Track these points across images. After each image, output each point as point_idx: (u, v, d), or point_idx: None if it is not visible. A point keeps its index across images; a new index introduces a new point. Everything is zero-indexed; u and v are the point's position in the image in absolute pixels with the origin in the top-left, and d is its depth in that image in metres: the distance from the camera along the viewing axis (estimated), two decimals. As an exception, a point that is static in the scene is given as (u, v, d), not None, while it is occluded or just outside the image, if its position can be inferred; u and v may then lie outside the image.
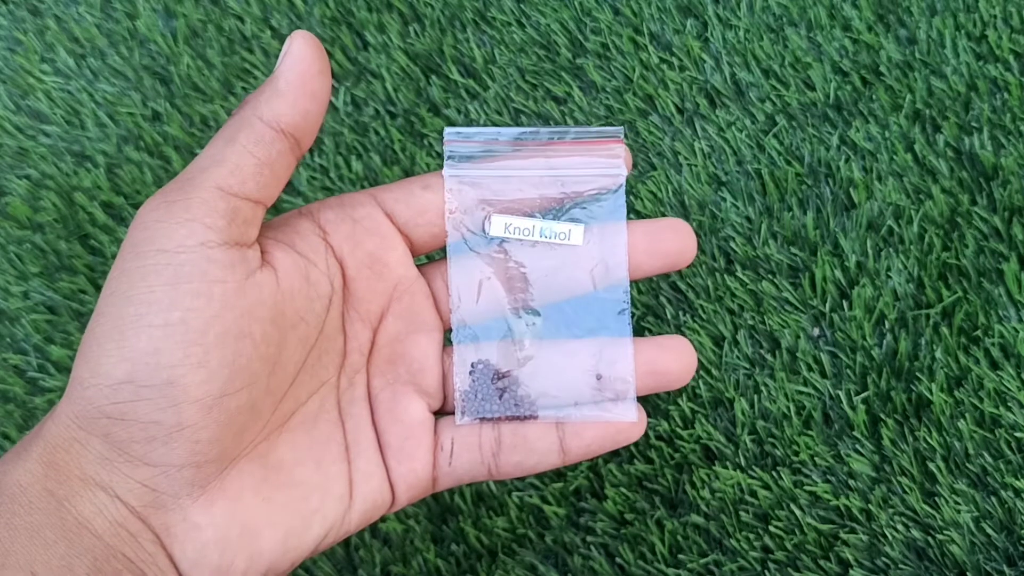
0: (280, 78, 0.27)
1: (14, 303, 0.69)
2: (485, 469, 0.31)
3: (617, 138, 0.31)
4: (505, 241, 0.31)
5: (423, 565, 0.58)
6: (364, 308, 0.31)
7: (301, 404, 0.30)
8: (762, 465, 0.58)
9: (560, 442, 0.31)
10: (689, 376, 0.31)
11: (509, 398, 0.30)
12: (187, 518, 0.26)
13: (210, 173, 0.26)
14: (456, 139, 0.31)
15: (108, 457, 0.25)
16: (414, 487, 0.30)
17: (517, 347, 0.31)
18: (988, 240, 0.61)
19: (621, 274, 0.30)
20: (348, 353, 0.31)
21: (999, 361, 0.58)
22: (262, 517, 0.27)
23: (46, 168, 0.74)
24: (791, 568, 0.55)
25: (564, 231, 0.30)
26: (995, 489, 0.55)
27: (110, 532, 0.25)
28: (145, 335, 0.25)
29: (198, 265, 0.25)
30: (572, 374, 0.31)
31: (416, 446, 0.30)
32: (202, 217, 0.25)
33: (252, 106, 0.27)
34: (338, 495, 0.29)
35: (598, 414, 0.30)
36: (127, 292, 0.25)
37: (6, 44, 0.81)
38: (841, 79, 0.69)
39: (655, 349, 0.31)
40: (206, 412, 0.25)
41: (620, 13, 0.74)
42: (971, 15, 0.69)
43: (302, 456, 0.29)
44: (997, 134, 0.65)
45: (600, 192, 0.31)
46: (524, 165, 0.31)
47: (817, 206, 0.65)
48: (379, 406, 0.31)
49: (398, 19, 0.77)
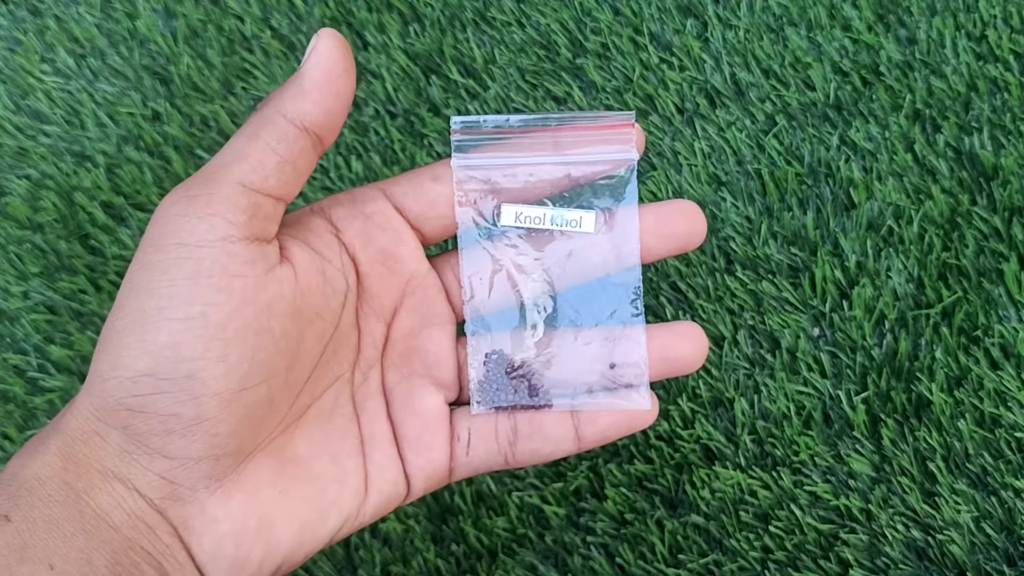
0: (305, 76, 0.27)
1: (14, 303, 0.69)
2: (502, 458, 0.31)
3: (628, 122, 0.30)
4: (516, 230, 0.31)
5: (423, 565, 0.58)
6: (378, 304, 0.31)
7: (316, 399, 0.30)
8: (762, 465, 0.58)
9: (575, 429, 0.31)
10: (701, 361, 0.31)
11: (523, 387, 0.30)
12: (204, 511, 0.26)
13: (232, 169, 0.26)
14: (464, 128, 0.31)
15: (127, 449, 0.25)
16: (431, 478, 0.31)
17: (531, 336, 0.31)
18: (988, 240, 0.61)
19: (634, 260, 0.30)
20: (362, 348, 0.31)
21: (999, 361, 0.58)
22: (279, 510, 0.27)
23: (46, 168, 0.74)
24: (791, 568, 0.55)
25: (575, 218, 0.30)
26: (995, 489, 0.55)
27: (128, 524, 0.25)
28: (166, 329, 0.25)
29: (219, 260, 0.25)
30: (586, 363, 0.31)
31: (433, 437, 0.30)
32: (224, 212, 0.25)
33: (276, 103, 0.27)
34: (354, 488, 0.29)
35: (612, 402, 0.31)
36: (147, 285, 0.25)
37: (6, 44, 0.81)
38: (841, 79, 0.69)
39: (668, 335, 0.31)
40: (225, 406, 0.25)
41: (620, 13, 0.74)
42: (971, 15, 0.69)
43: (318, 450, 0.29)
44: (997, 134, 0.65)
45: (611, 177, 0.30)
46: (533, 152, 0.30)
47: (817, 206, 0.65)
48: (395, 399, 0.31)
49: (398, 19, 0.77)
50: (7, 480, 0.25)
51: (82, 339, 0.67)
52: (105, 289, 0.69)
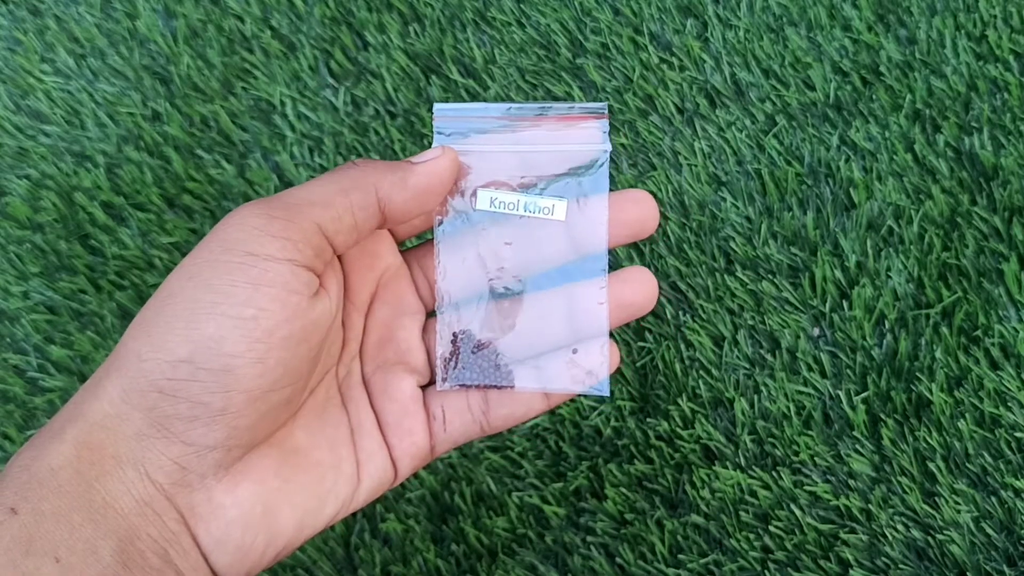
0: (412, 176, 0.30)
1: (14, 303, 0.69)
2: (478, 427, 0.32)
3: (602, 113, 0.31)
4: (490, 215, 0.32)
5: (423, 565, 0.58)
6: (359, 298, 0.33)
7: (312, 392, 0.31)
8: (762, 465, 0.58)
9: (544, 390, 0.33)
10: (652, 303, 0.33)
11: (488, 366, 0.32)
12: (212, 498, 0.28)
13: (316, 211, 0.28)
14: (445, 115, 0.32)
15: (146, 433, 0.27)
16: (416, 458, 0.32)
17: (498, 318, 0.32)
18: (988, 240, 0.61)
19: (601, 247, 0.31)
20: (347, 342, 0.33)
21: (999, 361, 0.58)
22: (282, 498, 0.29)
23: (46, 168, 0.74)
24: (791, 568, 0.55)
25: (548, 206, 0.31)
26: (995, 489, 0.55)
27: (136, 511, 0.26)
28: (215, 322, 0.26)
29: (282, 275, 0.27)
30: (550, 345, 0.32)
31: (413, 421, 0.32)
32: (298, 241, 0.28)
33: (375, 174, 0.29)
34: (348, 474, 0.31)
35: (572, 387, 0.32)
36: (209, 280, 0.27)
37: (6, 44, 0.81)
38: (841, 79, 0.69)
39: (619, 284, 0.33)
40: (251, 402, 0.27)
41: (620, 13, 0.74)
42: (971, 15, 0.69)
43: (317, 440, 0.30)
44: (997, 134, 0.65)
45: (584, 166, 0.31)
46: (512, 140, 0.32)
47: (817, 206, 0.65)
48: (374, 388, 0.32)
49: (398, 19, 0.77)
50: (16, 473, 0.26)
51: (82, 339, 0.67)
52: (105, 289, 0.69)
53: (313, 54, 0.76)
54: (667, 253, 0.65)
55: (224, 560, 0.28)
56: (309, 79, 0.76)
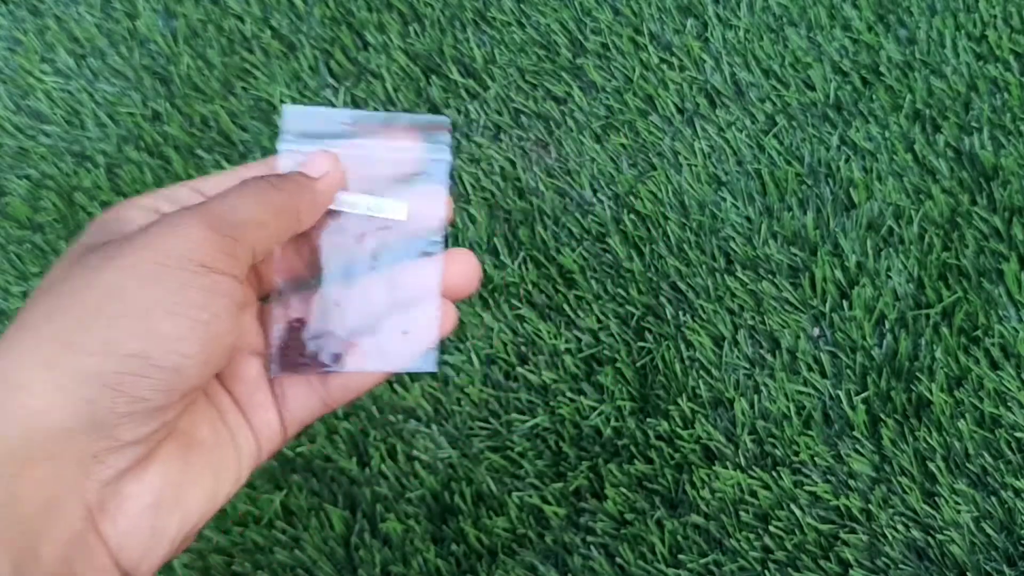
0: (320, 196, 0.33)
1: (14, 303, 0.69)
2: (320, 402, 0.34)
3: (444, 126, 0.34)
4: (331, 212, 0.34)
5: (423, 565, 0.58)
6: None
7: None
8: (762, 465, 0.58)
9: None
10: (474, 285, 0.35)
11: (320, 353, 0.33)
12: (120, 490, 0.28)
13: (253, 232, 0.30)
14: (294, 117, 0.33)
15: (71, 427, 0.27)
16: (272, 437, 0.34)
17: (330, 306, 0.34)
18: (988, 240, 0.61)
19: (437, 249, 0.34)
20: None
21: (999, 361, 0.58)
22: (187, 478, 0.30)
23: (46, 168, 0.74)
24: (791, 568, 0.55)
25: (390, 206, 0.34)
26: (995, 489, 0.55)
27: (41, 513, 0.26)
28: (172, 322, 0.28)
29: (231, 288, 0.30)
30: (381, 327, 0.34)
31: (262, 398, 0.34)
32: (239, 259, 0.30)
33: (297, 198, 0.32)
34: (233, 451, 0.33)
35: (402, 367, 0.34)
36: (164, 282, 0.28)
37: (6, 44, 0.81)
38: (841, 79, 0.69)
39: (445, 265, 0.35)
40: (182, 398, 0.28)
41: (620, 13, 0.74)
42: (971, 15, 0.69)
43: (198, 420, 0.32)
44: (997, 134, 0.65)
45: (426, 173, 0.34)
46: (359, 145, 0.34)
47: (817, 206, 0.65)
48: (223, 371, 0.34)
49: (398, 19, 0.77)
50: None
51: (82, 339, 0.67)
52: (105, 289, 0.69)
53: (313, 54, 0.76)
54: (667, 253, 0.65)
55: (134, 554, 0.28)
56: (309, 79, 0.76)
